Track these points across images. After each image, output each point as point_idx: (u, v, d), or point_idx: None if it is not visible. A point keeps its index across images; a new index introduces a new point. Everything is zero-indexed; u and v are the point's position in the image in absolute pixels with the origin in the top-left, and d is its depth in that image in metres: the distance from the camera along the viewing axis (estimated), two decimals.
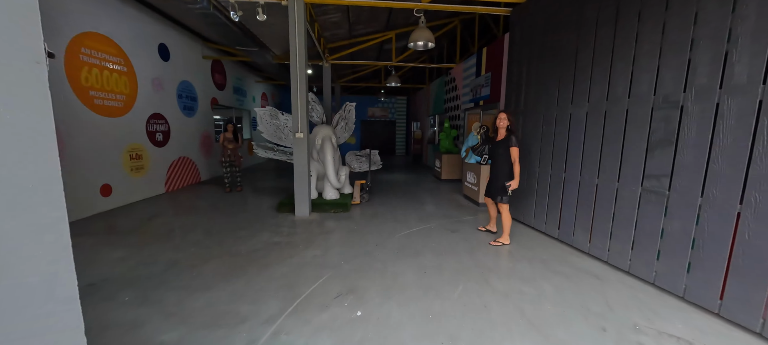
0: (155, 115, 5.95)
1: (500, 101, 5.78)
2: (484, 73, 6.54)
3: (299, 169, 4.52)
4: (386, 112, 15.24)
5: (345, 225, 4.23)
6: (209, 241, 3.57)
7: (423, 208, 5.22)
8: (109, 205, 4.86)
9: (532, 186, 4.09)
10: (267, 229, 4.00)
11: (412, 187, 7.15)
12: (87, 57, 4.49)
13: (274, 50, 7.77)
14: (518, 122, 4.35)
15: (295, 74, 4.32)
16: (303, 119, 4.43)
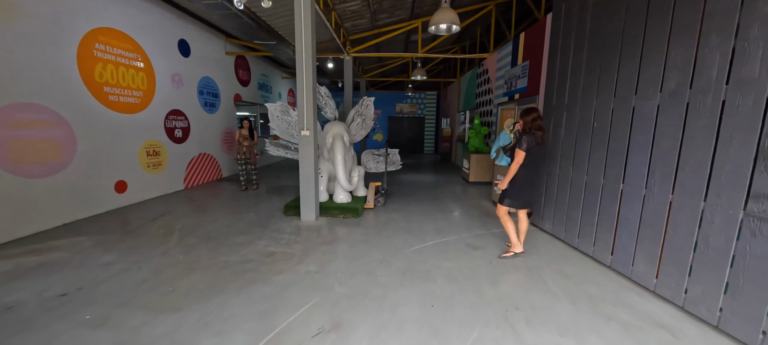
0: (174, 111, 5.94)
1: (539, 94, 4.96)
2: (521, 62, 5.71)
3: (305, 169, 4.14)
4: (415, 107, 14.58)
5: (351, 234, 3.78)
6: (202, 248, 3.30)
7: (444, 216, 4.61)
8: (124, 202, 4.86)
9: (576, 197, 3.32)
10: (267, 236, 3.67)
11: (435, 190, 6.52)
12: (102, 53, 4.47)
13: (294, 44, 7.51)
14: (559, 119, 3.57)
15: (301, 66, 3.92)
16: (310, 115, 4.02)
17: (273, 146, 5.38)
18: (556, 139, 3.62)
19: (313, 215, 4.23)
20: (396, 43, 9.32)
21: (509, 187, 3.09)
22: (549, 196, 3.75)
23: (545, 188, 3.81)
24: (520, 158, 2.94)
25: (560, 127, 3.56)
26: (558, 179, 3.59)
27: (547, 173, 3.78)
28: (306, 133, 4.03)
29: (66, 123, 4.02)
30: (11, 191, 3.47)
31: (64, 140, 4.01)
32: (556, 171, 3.62)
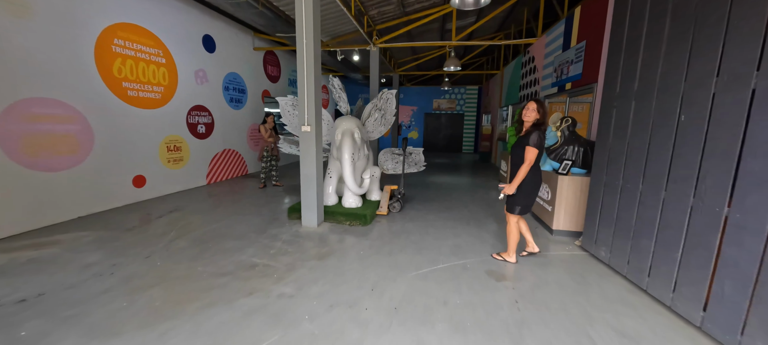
0: (198, 106, 5.94)
1: (597, 82, 3.94)
2: (575, 43, 4.66)
3: (306, 169, 3.70)
4: (453, 103, 13.59)
5: (351, 246, 3.25)
6: (187, 254, 3.02)
7: (467, 229, 3.86)
8: (142, 197, 4.91)
9: (649, 220, 2.39)
10: (259, 243, 3.30)
11: (465, 195, 5.72)
12: (120, 48, 4.49)
13: None
14: (625, 112, 2.63)
15: (302, 51, 3.47)
16: (312, 109, 3.57)
17: (286, 143, 5.07)
18: (619, 139, 2.70)
19: (314, 221, 3.78)
20: (430, 32, 8.56)
21: (518, 191, 2.71)
22: (607, 214, 2.83)
23: (602, 202, 2.89)
24: (533, 157, 2.58)
25: (625, 123, 2.63)
26: (621, 193, 2.67)
27: (604, 183, 2.86)
28: (307, 129, 3.59)
29: (83, 118, 4.07)
30: (26, 185, 3.54)
31: (81, 135, 4.07)
32: (618, 181, 2.69)
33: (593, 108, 4.07)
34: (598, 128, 2.96)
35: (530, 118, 2.61)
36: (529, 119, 2.63)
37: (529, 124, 2.65)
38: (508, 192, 2.63)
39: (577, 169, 3.57)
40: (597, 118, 3.59)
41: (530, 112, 2.62)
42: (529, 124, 2.64)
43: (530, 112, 2.62)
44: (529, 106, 2.65)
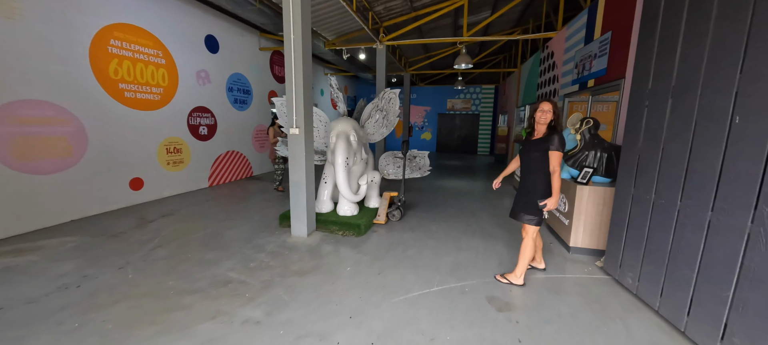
0: (199, 108, 5.85)
1: (625, 77, 3.44)
2: (599, 35, 4.15)
3: (295, 175, 3.44)
4: (468, 103, 13.06)
5: (339, 262, 2.95)
6: (162, 265, 2.83)
7: (472, 243, 3.47)
8: (139, 199, 4.83)
9: (688, 246, 1.93)
10: (240, 254, 3.07)
11: (474, 202, 5.29)
12: (117, 49, 4.42)
13: (324, 35, 6.97)
14: (659, 112, 2.17)
15: (289, 46, 3.21)
16: (300, 109, 3.30)
17: (283, 146, 4.85)
18: (651, 144, 2.24)
19: (304, 230, 3.51)
20: (441, 29, 8.16)
21: (536, 198, 2.38)
22: (635, 233, 2.37)
23: (629, 218, 2.44)
24: (559, 162, 2.29)
25: (659, 124, 2.17)
26: (653, 209, 2.21)
27: (632, 196, 2.41)
28: (295, 132, 3.32)
29: (76, 120, 4.01)
30: (15, 188, 3.48)
31: (74, 137, 4.00)
32: (649, 195, 2.24)
33: (619, 107, 3.57)
34: (625, 130, 2.51)
35: (546, 119, 2.33)
36: (544, 121, 2.33)
37: (543, 126, 2.34)
38: (552, 207, 2.29)
39: (599, 178, 3.11)
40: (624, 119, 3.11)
41: (546, 113, 2.33)
42: (544, 125, 2.34)
43: (546, 113, 2.33)
44: (544, 106, 2.34)
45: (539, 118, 2.34)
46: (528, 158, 2.38)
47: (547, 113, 2.31)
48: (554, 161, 2.25)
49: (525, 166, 2.43)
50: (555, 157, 2.25)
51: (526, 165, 2.41)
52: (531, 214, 2.40)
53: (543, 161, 2.30)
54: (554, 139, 2.25)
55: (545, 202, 2.31)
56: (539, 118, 2.34)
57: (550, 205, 2.29)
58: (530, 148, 2.37)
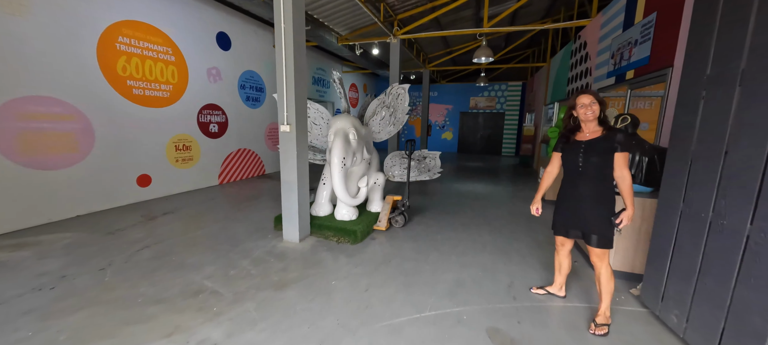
0: (210, 105, 5.83)
1: (673, 66, 2.86)
2: (641, 18, 3.54)
3: (286, 175, 3.20)
4: (492, 101, 12.34)
5: (324, 273, 2.66)
6: (143, 268, 2.69)
7: (479, 258, 3.04)
8: (146, 196, 4.85)
9: (762, 286, 1.43)
10: (224, 259, 2.87)
11: (491, 208, 4.81)
12: (126, 46, 4.44)
13: (336, 30, 6.74)
14: (719, 104, 1.64)
15: (280, 37, 2.97)
16: (292, 104, 3.05)
17: None
18: (708, 146, 1.72)
19: (296, 235, 3.27)
20: (462, 21, 7.65)
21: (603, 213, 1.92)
22: (683, 259, 1.86)
23: (676, 240, 1.92)
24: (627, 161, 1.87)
25: (720, 121, 1.65)
26: (710, 230, 1.70)
27: (681, 212, 1.89)
28: (286, 129, 3.07)
29: (83, 116, 4.05)
30: (21, 183, 3.54)
31: (81, 133, 4.04)
32: (705, 211, 1.72)
33: (665, 102, 2.98)
34: (672, 129, 1.99)
35: (595, 113, 1.87)
36: (592, 116, 1.87)
37: (593, 122, 1.90)
38: (628, 222, 1.85)
39: (638, 187, 2.57)
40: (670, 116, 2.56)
41: (591, 107, 1.86)
42: (593, 122, 1.90)
43: (591, 107, 1.86)
44: (583, 100, 1.89)
45: (585, 114, 1.88)
46: (585, 163, 1.89)
47: (593, 106, 1.85)
48: (622, 164, 1.83)
49: (576, 173, 1.94)
50: (623, 159, 1.83)
51: (581, 172, 1.91)
52: (602, 234, 1.88)
53: (604, 166, 1.85)
54: (619, 137, 1.82)
55: (621, 217, 1.84)
56: (585, 114, 1.88)
57: (626, 220, 1.83)
58: (584, 150, 1.90)
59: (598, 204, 1.88)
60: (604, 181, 1.86)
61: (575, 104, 1.92)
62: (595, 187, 1.88)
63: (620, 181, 1.83)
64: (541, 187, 2.21)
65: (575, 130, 1.98)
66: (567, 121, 2.04)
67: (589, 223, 1.90)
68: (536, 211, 2.18)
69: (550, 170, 2.18)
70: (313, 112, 4.19)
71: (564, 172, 2.05)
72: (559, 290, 2.32)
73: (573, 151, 1.94)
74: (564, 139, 2.02)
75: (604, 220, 1.87)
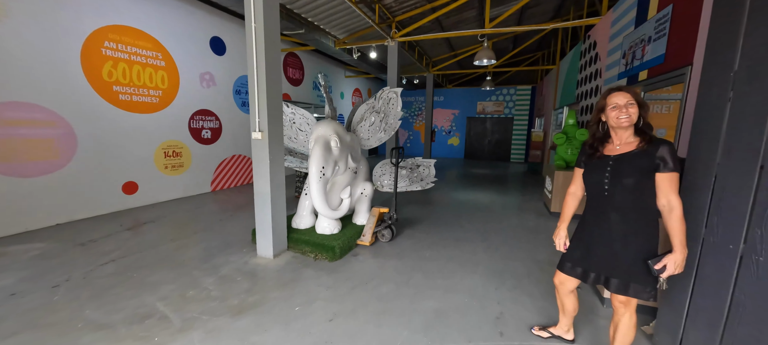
0: (203, 111, 5.72)
1: (693, 64, 2.48)
2: (655, 13, 3.17)
3: (259, 185, 2.96)
4: (501, 106, 11.92)
5: (289, 297, 2.39)
6: (94, 287, 2.50)
7: (469, 280, 2.71)
8: (132, 204, 4.73)
9: None
10: (187, 277, 2.65)
11: (492, 221, 4.45)
12: (112, 51, 4.35)
13: (333, 33, 6.56)
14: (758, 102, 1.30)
15: (251, 35, 2.76)
16: (264, 109, 2.83)
17: None
18: (739, 158, 1.37)
19: (270, 250, 3.02)
20: (465, 23, 7.35)
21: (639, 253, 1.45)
22: (704, 302, 1.50)
23: (696, 274, 1.56)
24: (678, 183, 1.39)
25: (752, 126, 1.30)
26: (740, 264, 1.34)
27: (702, 241, 1.53)
28: (257, 136, 2.85)
29: (64, 122, 3.95)
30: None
31: (62, 139, 3.94)
32: (734, 245, 1.36)
33: (683, 105, 2.60)
34: (691, 138, 1.65)
35: (631, 118, 1.40)
36: (627, 121, 1.41)
37: (627, 129, 1.45)
38: (676, 269, 1.36)
39: None
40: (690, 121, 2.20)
41: (627, 110, 1.40)
42: (629, 129, 1.45)
43: (627, 110, 1.40)
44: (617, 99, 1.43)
45: (617, 118, 1.42)
46: (613, 185, 1.44)
47: (629, 108, 1.39)
48: (670, 188, 1.35)
49: (601, 198, 1.50)
50: (670, 182, 1.35)
51: (607, 196, 1.47)
52: (639, 282, 1.42)
53: (641, 190, 1.40)
54: (664, 151, 1.35)
55: (664, 261, 1.35)
56: (617, 118, 1.42)
57: (671, 266, 1.34)
58: (612, 169, 1.46)
59: (632, 241, 1.43)
60: (641, 211, 1.41)
61: (605, 105, 1.47)
62: (627, 219, 1.43)
63: (667, 213, 1.35)
64: (563, 214, 1.74)
65: (604, 140, 1.53)
66: (594, 126, 1.57)
67: (617, 266, 1.46)
68: (563, 245, 1.69)
69: (572, 191, 1.72)
70: (299, 118, 3.97)
71: (587, 196, 1.61)
72: (566, 332, 1.92)
73: (598, 169, 1.50)
74: (589, 151, 1.57)
75: (638, 261, 1.41)
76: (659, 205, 1.39)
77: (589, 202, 1.59)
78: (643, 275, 1.42)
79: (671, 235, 1.36)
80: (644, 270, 1.41)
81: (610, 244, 1.48)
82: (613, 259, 1.48)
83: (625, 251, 1.45)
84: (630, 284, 1.45)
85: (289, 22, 5.34)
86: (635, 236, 1.44)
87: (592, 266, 1.56)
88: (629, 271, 1.44)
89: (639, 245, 1.43)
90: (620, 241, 1.45)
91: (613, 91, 1.48)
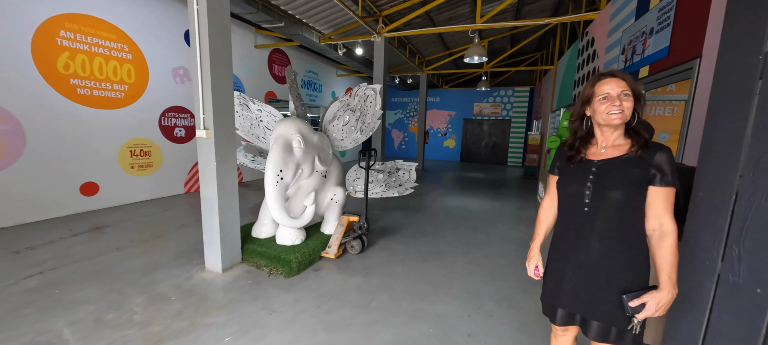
0: (176, 108, 5.39)
1: (701, 56, 2.12)
2: (658, 0, 2.81)
3: (206, 190, 2.62)
4: (498, 107, 11.55)
5: (222, 324, 2.04)
6: (6, 306, 2.15)
7: (441, 306, 2.35)
8: (92, 206, 4.39)
9: None
10: (115, 295, 2.30)
11: (477, 232, 4.08)
12: (69, 41, 4.03)
13: (317, 28, 6.22)
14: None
15: (194, 18, 2.41)
16: (209, 103, 2.48)
17: (243, 152, 4.10)
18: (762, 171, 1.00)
19: (218, 263, 2.67)
20: (458, 19, 7.00)
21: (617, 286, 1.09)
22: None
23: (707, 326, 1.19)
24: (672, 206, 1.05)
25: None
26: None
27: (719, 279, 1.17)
28: (202, 135, 2.50)
29: (11, 117, 3.63)
30: None
31: (7, 136, 3.62)
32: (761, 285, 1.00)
33: (690, 105, 2.23)
34: (703, 143, 1.28)
35: (624, 114, 1.05)
36: (618, 119, 1.05)
37: (618, 129, 1.11)
38: (659, 312, 1.01)
39: None
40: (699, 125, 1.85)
41: (625, 101, 1.05)
42: (619, 128, 1.11)
43: (625, 101, 1.05)
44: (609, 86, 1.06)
45: (606, 114, 1.07)
46: (595, 198, 1.10)
47: (623, 102, 1.04)
48: (664, 208, 1.03)
49: (580, 214, 1.14)
50: (664, 198, 1.03)
51: (588, 212, 1.12)
52: (619, 323, 1.09)
53: (629, 206, 1.07)
54: (660, 158, 1.03)
55: (644, 299, 1.02)
56: (606, 114, 1.07)
57: (652, 306, 1.01)
58: (595, 177, 1.11)
59: (619, 274, 1.08)
60: (630, 235, 1.08)
61: (592, 94, 1.11)
62: (613, 246, 1.08)
63: (657, 239, 1.04)
64: (536, 231, 1.35)
65: (587, 140, 1.18)
66: (577, 123, 1.20)
67: (597, 305, 1.11)
68: (535, 272, 1.30)
69: (547, 204, 1.33)
70: (266, 116, 3.63)
71: (560, 211, 1.24)
72: None
73: (578, 177, 1.14)
74: (568, 153, 1.20)
75: (611, 300, 1.09)
76: (648, 229, 1.06)
77: (564, 218, 1.22)
78: (622, 316, 1.08)
79: (659, 267, 1.03)
80: (616, 306, 1.08)
81: (590, 276, 1.13)
82: (593, 296, 1.13)
83: (608, 287, 1.10)
84: (611, 328, 1.11)
85: (267, 15, 5.01)
86: (623, 269, 1.09)
87: (570, 302, 1.19)
88: (613, 312, 1.09)
89: (628, 281, 1.08)
90: (605, 273, 1.10)
91: (603, 77, 1.11)
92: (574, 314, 1.19)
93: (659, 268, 1.04)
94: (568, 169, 1.21)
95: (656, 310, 1.01)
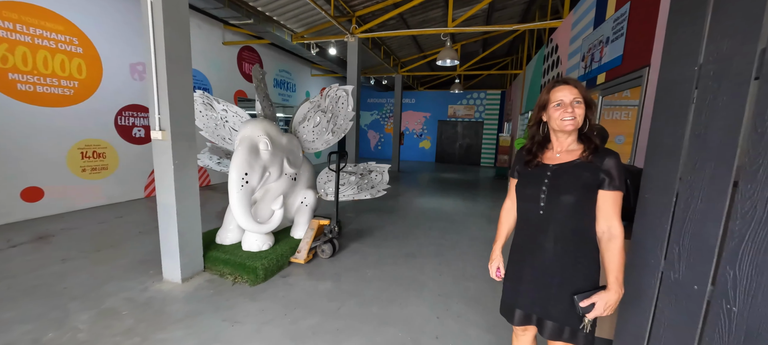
0: (134, 106, 5.04)
1: (650, 65, 2.27)
2: (613, 11, 2.98)
3: (162, 196, 2.46)
4: (471, 110, 11.85)
5: (183, 338, 1.91)
6: None
7: (411, 310, 2.35)
8: (36, 213, 4.00)
9: None
10: (56, 312, 2.10)
11: (452, 233, 4.14)
12: (6, 32, 3.65)
13: (288, 26, 6.07)
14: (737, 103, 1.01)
15: (148, 14, 2.25)
16: (165, 103, 2.33)
17: (208, 153, 3.91)
18: (697, 175, 1.08)
19: (177, 272, 2.51)
20: (431, 22, 7.10)
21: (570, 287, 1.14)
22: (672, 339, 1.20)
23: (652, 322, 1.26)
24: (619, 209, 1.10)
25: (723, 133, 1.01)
26: (706, 314, 1.05)
27: (660, 277, 1.24)
28: (157, 136, 2.34)
29: None
30: None
31: None
32: (700, 285, 1.07)
33: (641, 110, 2.38)
34: (648, 148, 1.36)
35: (576, 120, 1.09)
36: (571, 125, 1.09)
37: (571, 134, 1.14)
38: (606, 311, 1.07)
39: None
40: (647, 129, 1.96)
41: (577, 108, 1.09)
42: (572, 133, 1.14)
43: (577, 108, 1.09)
44: (563, 94, 1.10)
45: (560, 120, 1.10)
46: (550, 201, 1.14)
47: (575, 109, 1.08)
48: (612, 211, 1.08)
49: (536, 217, 1.17)
50: (613, 202, 1.08)
51: (543, 215, 1.15)
52: (571, 324, 1.13)
53: (581, 209, 1.11)
54: (609, 163, 1.08)
55: (593, 299, 1.07)
56: (560, 120, 1.10)
57: (601, 306, 1.06)
58: (550, 181, 1.14)
59: (570, 275, 1.13)
60: (582, 237, 1.12)
61: (548, 100, 1.15)
62: (566, 248, 1.13)
63: (606, 241, 1.09)
64: (498, 233, 1.38)
65: (544, 145, 1.22)
66: (534, 128, 1.25)
67: (552, 305, 1.15)
68: (497, 273, 1.32)
69: (508, 206, 1.36)
70: (232, 116, 3.47)
71: (518, 214, 1.28)
72: None
73: (534, 181, 1.18)
74: (526, 157, 1.23)
75: (564, 301, 1.13)
76: (598, 231, 1.12)
77: (522, 221, 1.26)
78: (575, 316, 1.12)
79: (607, 268, 1.09)
80: (567, 308, 1.13)
81: (545, 277, 1.17)
82: (547, 297, 1.17)
83: (561, 288, 1.14)
84: (564, 328, 1.15)
85: (235, 11, 4.81)
86: (575, 270, 1.13)
87: (528, 303, 1.22)
88: (566, 312, 1.13)
89: (580, 281, 1.13)
90: (559, 274, 1.14)
91: (558, 84, 1.15)
92: (531, 315, 1.22)
93: (607, 270, 1.09)
94: (526, 173, 1.24)
95: (604, 310, 1.07)
